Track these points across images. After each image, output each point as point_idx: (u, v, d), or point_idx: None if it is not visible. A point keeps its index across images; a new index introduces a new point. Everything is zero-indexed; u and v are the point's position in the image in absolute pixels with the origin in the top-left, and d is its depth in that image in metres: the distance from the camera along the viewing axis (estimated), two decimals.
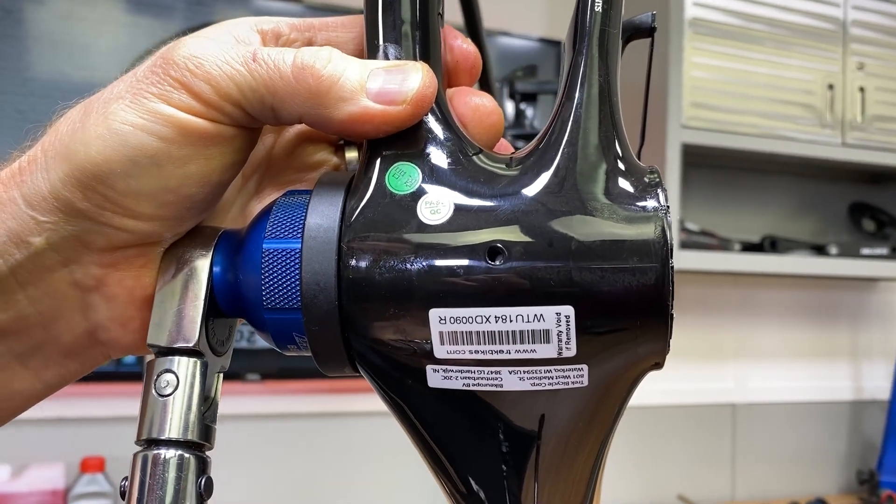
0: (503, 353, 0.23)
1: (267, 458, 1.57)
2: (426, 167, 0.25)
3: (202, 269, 0.26)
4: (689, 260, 1.59)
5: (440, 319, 0.23)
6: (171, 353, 0.25)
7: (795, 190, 1.98)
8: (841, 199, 2.01)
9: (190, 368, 0.25)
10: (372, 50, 0.28)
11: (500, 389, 0.24)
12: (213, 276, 0.26)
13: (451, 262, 0.23)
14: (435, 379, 0.24)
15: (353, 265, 0.24)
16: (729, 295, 1.96)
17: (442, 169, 0.25)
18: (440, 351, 0.24)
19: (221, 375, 0.27)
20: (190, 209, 0.26)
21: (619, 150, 0.25)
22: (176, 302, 0.26)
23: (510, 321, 0.23)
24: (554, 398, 0.24)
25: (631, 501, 1.83)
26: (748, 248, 1.78)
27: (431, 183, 0.25)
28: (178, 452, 0.24)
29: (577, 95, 0.26)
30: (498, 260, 0.23)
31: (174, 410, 0.24)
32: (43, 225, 0.24)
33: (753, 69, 1.63)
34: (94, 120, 0.24)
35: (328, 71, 0.25)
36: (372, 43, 0.28)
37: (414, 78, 0.25)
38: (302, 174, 0.32)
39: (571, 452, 0.26)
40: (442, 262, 0.23)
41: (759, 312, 1.99)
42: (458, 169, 0.25)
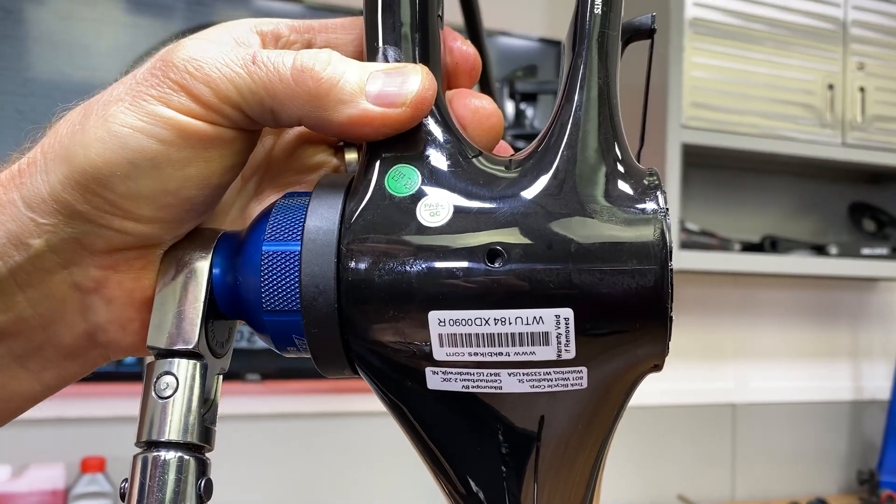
0: (502, 355, 0.23)
1: (267, 458, 1.57)
2: (426, 169, 0.25)
3: (202, 271, 0.26)
4: (689, 260, 1.59)
5: (439, 322, 0.23)
6: (170, 355, 0.25)
7: (795, 190, 1.98)
8: (841, 199, 2.01)
9: (189, 370, 0.25)
10: (371, 52, 0.28)
11: (499, 391, 0.24)
12: (212, 277, 0.26)
13: (450, 264, 0.23)
14: (434, 381, 0.24)
15: (352, 267, 0.24)
16: (729, 295, 1.96)
17: (441, 171, 0.25)
18: (439, 353, 0.24)
19: (221, 377, 0.27)
20: (189, 211, 0.26)
21: (618, 152, 0.25)
22: (175, 304, 0.26)
23: (509, 323, 0.23)
24: (553, 400, 0.24)
25: (631, 501, 1.83)
26: (748, 248, 1.78)
27: (431, 185, 0.25)
28: (177, 454, 0.24)
29: (576, 98, 0.26)
30: (497, 262, 0.23)
31: (174, 412, 0.24)
32: (42, 227, 0.24)
33: (754, 69, 1.63)
34: (93, 122, 0.24)
35: (327, 73, 0.25)
36: (371, 45, 0.28)
37: (413, 80, 0.25)
38: (301, 176, 0.32)
39: (571, 454, 0.26)
40: (441, 264, 0.23)
41: (759, 312, 1.99)
42: (457, 171, 0.25)
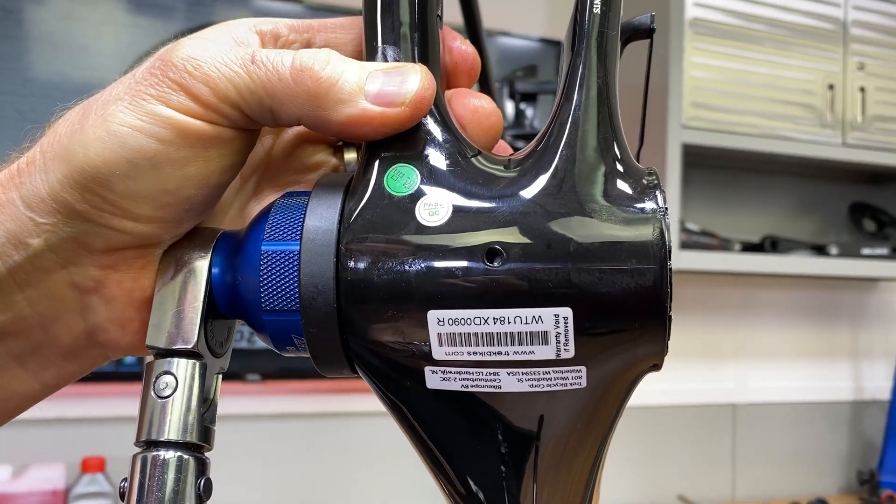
0: (501, 354, 0.23)
1: (267, 458, 1.57)
2: (425, 169, 0.25)
3: (201, 270, 0.26)
4: (689, 260, 1.59)
5: (438, 321, 0.23)
6: (169, 354, 0.25)
7: (796, 190, 1.98)
8: (841, 199, 2.01)
9: (189, 370, 0.25)
10: (370, 52, 0.28)
11: (498, 391, 0.24)
12: (211, 277, 0.26)
13: (449, 263, 0.23)
14: (433, 380, 0.24)
15: (351, 267, 0.24)
16: (729, 295, 1.96)
17: (440, 170, 0.25)
18: (438, 352, 0.24)
19: (220, 377, 0.27)
20: (188, 211, 0.26)
21: (617, 151, 0.25)
22: (175, 303, 0.26)
23: (508, 323, 0.23)
24: (552, 399, 0.24)
25: (631, 501, 1.83)
26: (748, 248, 1.78)
27: (430, 184, 0.25)
28: (177, 454, 0.24)
29: (575, 97, 0.26)
30: (496, 261, 0.23)
31: (173, 412, 0.24)
32: (41, 226, 0.24)
33: (754, 69, 1.63)
34: (92, 122, 0.24)
35: (327, 73, 0.25)
36: (370, 45, 0.28)
37: (412, 80, 0.25)
38: (300, 175, 0.32)
39: (570, 453, 0.26)
40: (440, 263, 0.23)
41: (759, 312, 1.99)
42: (456, 170, 0.25)
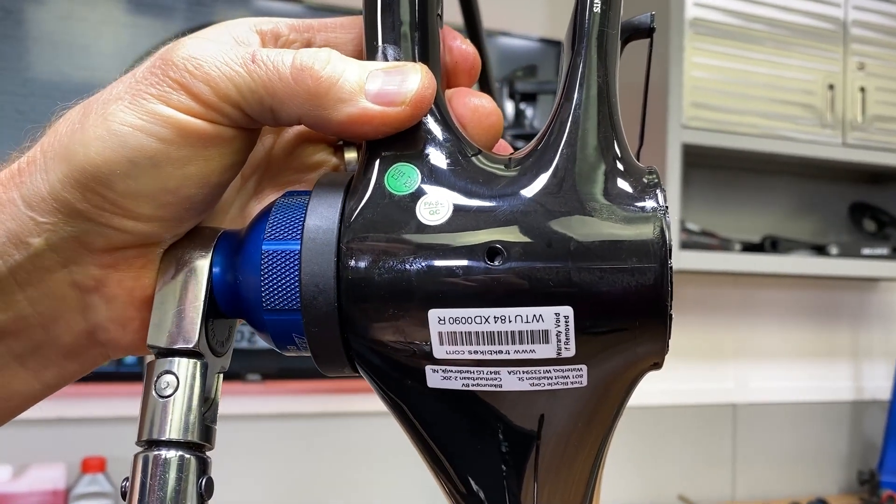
0: (502, 353, 0.23)
1: (267, 458, 1.57)
2: (425, 168, 0.25)
3: (202, 269, 0.26)
4: (689, 260, 1.59)
5: (439, 320, 0.23)
6: (171, 354, 0.25)
7: (796, 190, 1.98)
8: (841, 199, 2.01)
9: (190, 369, 0.25)
10: (371, 51, 0.28)
11: (499, 389, 0.24)
12: (212, 276, 0.26)
13: (450, 262, 0.23)
14: (434, 379, 0.24)
15: (352, 266, 0.24)
16: (729, 295, 1.96)
17: (441, 170, 0.25)
18: (439, 351, 0.24)
19: (221, 376, 0.27)
20: (189, 210, 0.26)
21: (617, 150, 0.25)
22: (176, 303, 0.26)
23: (509, 321, 0.23)
24: (553, 398, 0.24)
25: (631, 501, 1.83)
26: (749, 248, 1.78)
27: (430, 184, 0.25)
28: (178, 453, 0.24)
29: (575, 96, 0.26)
30: (497, 260, 0.23)
31: (174, 411, 0.24)
32: (42, 226, 0.24)
33: (754, 69, 1.63)
34: (93, 121, 0.24)
35: (327, 72, 0.25)
36: (371, 44, 0.28)
37: (413, 79, 0.25)
38: (301, 175, 0.32)
39: (571, 452, 0.26)
40: (441, 262, 0.23)
41: (759, 312, 1.99)
42: (457, 170, 0.25)
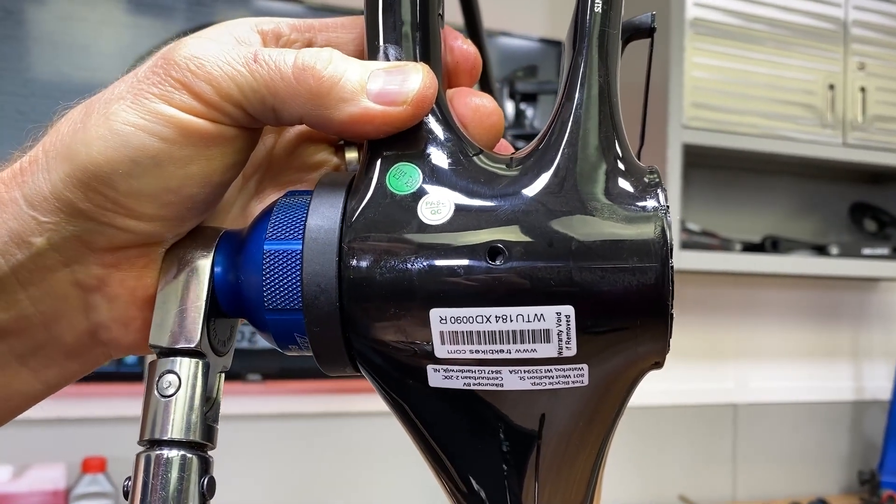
0: (504, 352, 0.23)
1: (268, 457, 1.57)
2: (427, 168, 0.25)
3: (203, 269, 0.26)
4: (690, 260, 1.59)
5: (441, 319, 0.23)
6: (172, 353, 0.25)
7: (796, 190, 1.98)
8: (842, 199, 2.01)
9: (192, 369, 0.25)
10: (372, 51, 0.28)
11: (500, 389, 0.24)
12: (214, 276, 0.26)
13: (451, 262, 0.23)
14: (436, 378, 0.24)
15: (353, 266, 0.24)
16: (730, 295, 1.96)
17: (442, 169, 0.25)
18: (441, 351, 0.24)
19: (223, 375, 0.27)
20: (191, 209, 0.26)
21: (618, 150, 0.25)
22: (177, 302, 0.26)
23: (511, 321, 0.23)
24: (554, 398, 0.25)
25: (632, 501, 1.83)
26: (749, 248, 1.78)
27: (432, 183, 0.25)
28: (180, 453, 0.24)
29: (576, 96, 0.26)
30: (498, 260, 0.23)
31: (176, 411, 0.24)
32: (44, 225, 0.24)
33: (754, 69, 1.63)
34: (95, 120, 0.24)
35: (329, 72, 0.25)
36: (372, 44, 0.28)
37: (414, 79, 0.25)
38: (302, 174, 0.32)
39: (572, 452, 0.26)
40: (442, 262, 0.23)
41: (760, 312, 1.99)
42: (458, 169, 0.25)
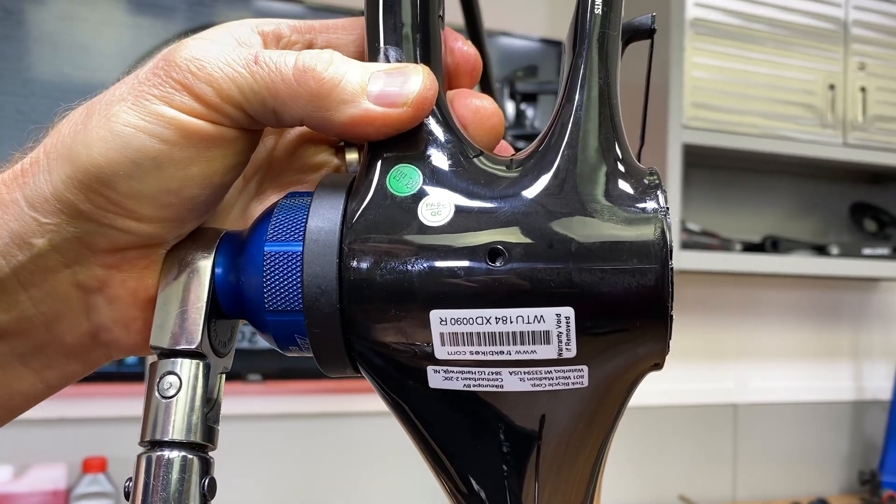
0: (504, 353, 0.24)
1: (268, 458, 1.57)
2: (427, 169, 0.25)
3: (204, 270, 0.26)
4: (690, 260, 1.59)
5: (441, 321, 0.23)
6: (173, 354, 0.25)
7: (796, 190, 1.98)
8: (842, 199, 2.01)
9: (192, 370, 0.25)
10: (373, 52, 0.28)
11: (500, 390, 0.24)
12: (214, 277, 0.26)
13: (451, 263, 0.23)
14: (436, 380, 0.24)
15: (354, 267, 0.24)
16: (730, 295, 1.96)
17: (443, 171, 0.25)
18: (441, 352, 0.24)
19: (224, 376, 0.27)
20: (192, 211, 0.26)
21: (618, 151, 0.25)
22: (178, 304, 0.26)
23: (511, 322, 0.23)
24: (554, 399, 0.25)
25: (632, 501, 1.83)
26: (749, 248, 1.78)
27: (432, 185, 0.25)
28: (181, 453, 0.24)
29: (576, 98, 0.26)
30: (498, 261, 0.23)
31: (177, 412, 0.24)
32: (45, 226, 0.24)
33: (754, 69, 1.63)
34: (96, 122, 0.24)
35: (329, 73, 0.25)
36: (373, 45, 0.28)
37: (415, 80, 0.25)
38: (303, 176, 0.32)
39: (572, 453, 0.26)
40: (443, 263, 0.23)
41: (760, 312, 1.99)
42: (458, 171, 0.25)
